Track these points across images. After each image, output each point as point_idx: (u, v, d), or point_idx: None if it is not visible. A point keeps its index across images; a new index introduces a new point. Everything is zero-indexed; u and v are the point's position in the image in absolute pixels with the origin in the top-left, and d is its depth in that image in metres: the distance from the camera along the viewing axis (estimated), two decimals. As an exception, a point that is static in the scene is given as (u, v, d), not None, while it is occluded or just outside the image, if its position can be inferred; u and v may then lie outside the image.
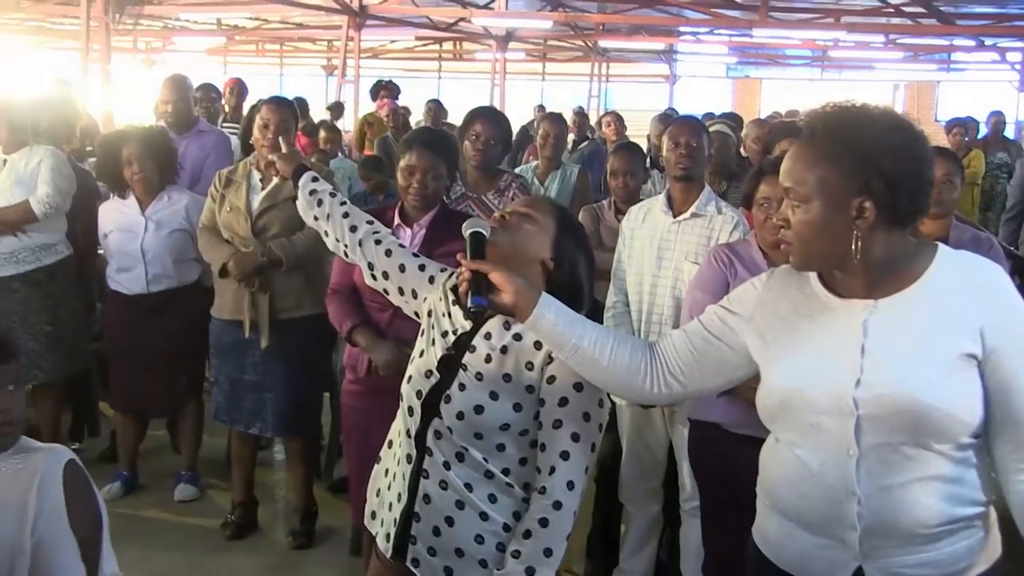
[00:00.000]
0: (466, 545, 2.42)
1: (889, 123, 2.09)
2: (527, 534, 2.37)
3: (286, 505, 5.24)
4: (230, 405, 4.87)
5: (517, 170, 6.10)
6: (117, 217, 5.19)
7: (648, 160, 6.08)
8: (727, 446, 3.41)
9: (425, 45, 25.83)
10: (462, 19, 18.40)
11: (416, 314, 2.67)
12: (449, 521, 2.43)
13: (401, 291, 2.69)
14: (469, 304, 2.26)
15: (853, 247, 2.07)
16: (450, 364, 2.46)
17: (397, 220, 4.00)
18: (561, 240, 2.51)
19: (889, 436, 2.07)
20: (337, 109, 13.66)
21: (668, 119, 7.98)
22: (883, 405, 2.06)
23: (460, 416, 2.40)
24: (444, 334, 2.52)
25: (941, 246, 2.17)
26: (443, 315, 2.55)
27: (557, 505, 2.36)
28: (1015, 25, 18.09)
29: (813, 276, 2.24)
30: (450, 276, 2.63)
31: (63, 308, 5.39)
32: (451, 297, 2.56)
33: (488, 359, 2.42)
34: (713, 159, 4.78)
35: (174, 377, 5.25)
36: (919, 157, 2.09)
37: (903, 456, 2.08)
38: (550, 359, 2.38)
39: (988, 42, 20.57)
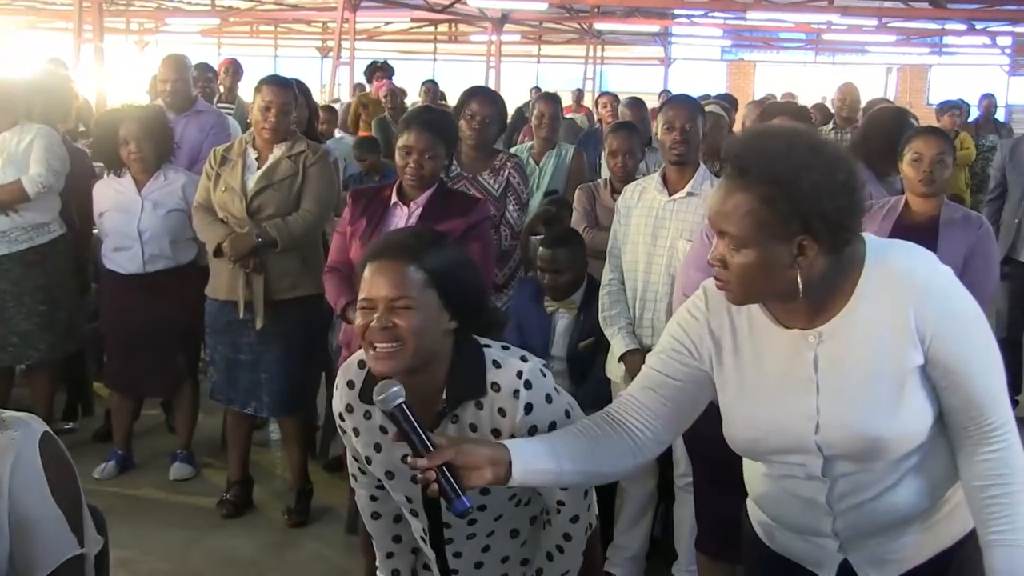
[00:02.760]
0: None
1: (825, 164, 2.00)
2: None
3: (282, 484, 5.25)
4: (226, 384, 4.88)
5: (512, 150, 6.10)
6: (113, 196, 5.18)
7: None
8: (718, 421, 3.42)
9: (420, 27, 25.77)
10: (458, 1, 18.35)
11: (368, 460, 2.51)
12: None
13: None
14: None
15: (798, 283, 2.03)
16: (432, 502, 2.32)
17: (394, 198, 4.01)
18: (446, 296, 2.26)
19: (855, 465, 2.12)
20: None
21: (637, 103, 8.14)
22: (845, 443, 2.09)
23: (472, 523, 2.40)
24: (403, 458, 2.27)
25: (866, 244, 2.10)
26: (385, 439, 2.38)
27: (568, 536, 2.46)
28: (1005, 9, 18.12)
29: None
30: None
31: (58, 288, 5.38)
32: (362, 408, 2.40)
33: None
34: (707, 140, 4.78)
35: (170, 357, 5.25)
36: (851, 187, 2.02)
37: (872, 474, 2.13)
38: (525, 410, 2.29)
39: (979, 26, 20.63)
